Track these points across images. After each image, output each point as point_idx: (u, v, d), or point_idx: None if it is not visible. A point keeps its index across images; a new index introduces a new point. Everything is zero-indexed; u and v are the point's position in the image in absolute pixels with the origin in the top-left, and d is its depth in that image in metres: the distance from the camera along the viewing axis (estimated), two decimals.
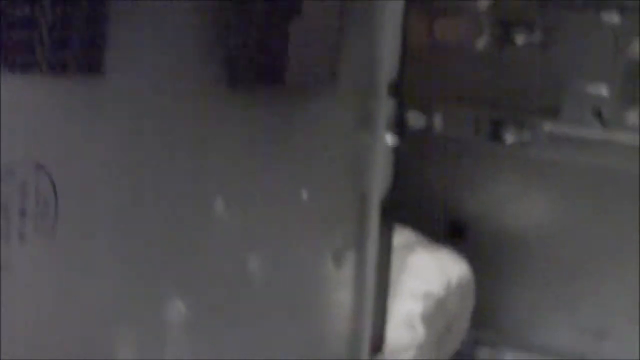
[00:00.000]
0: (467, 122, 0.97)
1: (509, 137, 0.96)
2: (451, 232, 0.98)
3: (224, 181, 0.58)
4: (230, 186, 0.59)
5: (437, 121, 0.98)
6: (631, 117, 0.92)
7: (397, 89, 0.77)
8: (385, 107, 0.77)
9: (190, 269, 0.56)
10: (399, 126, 0.78)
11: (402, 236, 0.85)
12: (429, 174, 0.98)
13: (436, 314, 0.84)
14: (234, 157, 0.59)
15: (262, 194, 0.63)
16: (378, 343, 0.81)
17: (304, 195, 0.68)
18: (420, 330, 0.82)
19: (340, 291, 0.77)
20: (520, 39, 0.95)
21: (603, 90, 0.92)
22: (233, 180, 0.59)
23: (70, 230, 0.46)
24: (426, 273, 0.85)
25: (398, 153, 0.79)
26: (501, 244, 0.99)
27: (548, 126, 0.95)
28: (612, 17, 0.91)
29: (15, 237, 0.43)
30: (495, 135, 0.96)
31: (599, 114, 0.93)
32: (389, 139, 0.77)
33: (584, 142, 0.94)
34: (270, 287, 0.65)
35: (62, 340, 0.46)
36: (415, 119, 0.96)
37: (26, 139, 0.43)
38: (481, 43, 0.97)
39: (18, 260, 0.43)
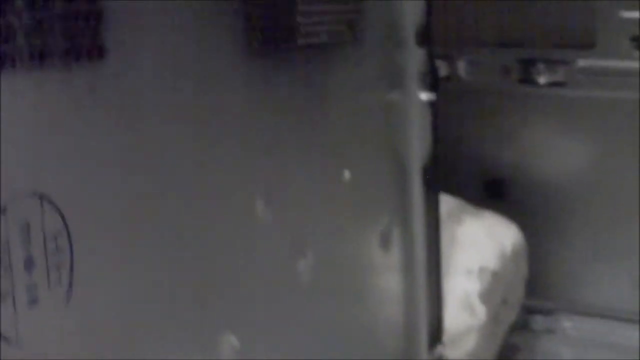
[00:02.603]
0: (493, 65, 0.86)
1: (541, 78, 0.85)
2: (487, 191, 0.87)
3: (265, 179, 0.48)
4: (266, 179, 0.48)
5: (461, 68, 0.87)
6: None
7: (426, 37, 0.67)
8: (415, 58, 0.67)
9: (241, 295, 0.45)
10: (432, 79, 0.68)
11: (443, 203, 0.75)
12: (456, 128, 0.88)
13: (493, 289, 0.75)
14: (266, 147, 0.49)
15: (299, 181, 0.53)
16: (436, 331, 0.72)
17: (342, 173, 0.58)
18: (480, 310, 0.72)
19: (390, 276, 0.67)
20: None
21: None
22: (268, 171, 0.49)
23: (96, 280, 0.35)
24: (479, 246, 0.75)
25: (435, 110, 0.69)
26: (543, 198, 0.89)
27: (583, 61, 0.84)
28: None
29: (22, 299, 0.32)
30: (526, 77, 0.86)
31: (638, 42, 0.82)
32: (423, 94, 0.67)
33: (623, 75, 0.83)
34: (319, 284, 0.56)
35: None
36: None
37: (20, 163, 0.31)
38: None
39: (28, 329, 0.32)
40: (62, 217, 0.33)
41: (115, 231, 0.36)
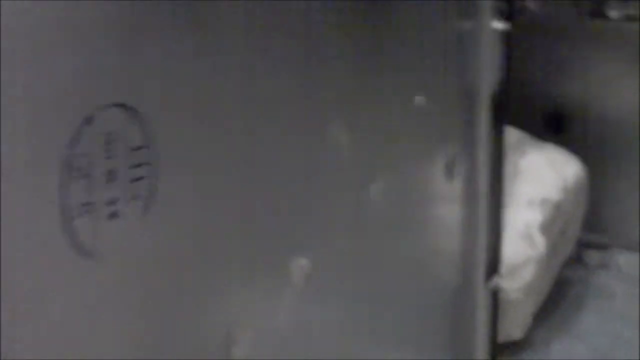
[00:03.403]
0: None
1: (613, 12, 0.84)
2: (551, 125, 0.87)
3: (339, 103, 0.47)
4: (343, 102, 0.48)
5: None
6: None
7: None
8: None
9: (313, 219, 0.45)
10: (507, 8, 0.67)
11: (506, 135, 0.74)
12: (524, 59, 0.86)
13: (554, 221, 0.74)
14: (344, 71, 0.48)
15: (373, 105, 0.52)
16: (494, 262, 0.71)
17: (413, 99, 0.58)
18: (539, 242, 0.72)
19: (452, 205, 0.67)
20: None
21: None
22: (347, 100, 0.48)
23: (174, 195, 0.35)
24: (542, 177, 0.74)
25: (508, 40, 0.68)
26: (606, 135, 0.88)
27: None
28: None
29: (103, 211, 0.31)
30: (598, 10, 0.84)
31: None
32: (496, 23, 0.66)
33: None
34: (386, 210, 0.55)
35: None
36: None
37: (107, 73, 0.31)
38: None
39: (108, 242, 0.32)
40: (148, 130, 0.33)
41: (198, 149, 0.36)
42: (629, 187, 0.89)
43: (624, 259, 0.89)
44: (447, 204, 0.67)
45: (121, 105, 0.31)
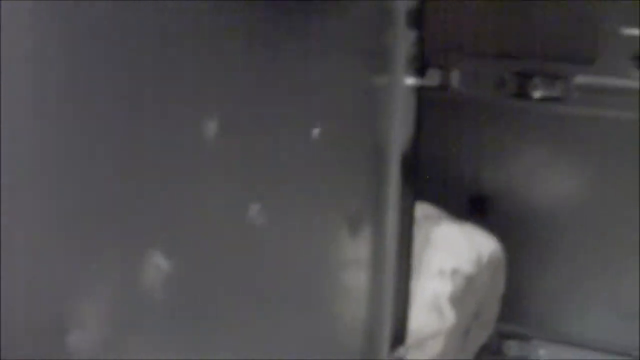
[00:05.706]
0: (488, 77, 0.83)
1: (537, 92, 0.82)
2: (472, 208, 0.84)
3: (222, 108, 0.44)
4: (219, 100, 0.45)
5: (455, 77, 0.84)
6: None
7: (417, 19, 0.64)
8: (404, 40, 0.64)
9: (173, 217, 0.41)
10: (420, 64, 0.65)
11: (422, 209, 0.71)
12: (446, 139, 0.84)
13: (466, 295, 0.71)
14: (233, 82, 0.45)
15: (265, 131, 0.49)
16: (400, 332, 0.68)
17: (314, 139, 0.55)
18: (448, 315, 0.68)
19: (356, 267, 0.63)
20: None
21: None
22: (232, 107, 0.45)
23: None
24: (454, 247, 0.71)
25: (419, 96, 0.66)
26: (528, 220, 0.85)
27: (580, 78, 0.81)
28: None
29: None
30: (521, 90, 0.83)
31: (639, 61, 0.79)
32: (409, 78, 0.64)
33: (622, 94, 0.80)
34: (272, 250, 0.52)
35: None
36: (429, 76, 0.82)
37: None
38: None
39: None
40: None
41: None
42: (552, 277, 0.86)
43: (544, 351, 0.85)
44: (350, 264, 0.63)
45: None
